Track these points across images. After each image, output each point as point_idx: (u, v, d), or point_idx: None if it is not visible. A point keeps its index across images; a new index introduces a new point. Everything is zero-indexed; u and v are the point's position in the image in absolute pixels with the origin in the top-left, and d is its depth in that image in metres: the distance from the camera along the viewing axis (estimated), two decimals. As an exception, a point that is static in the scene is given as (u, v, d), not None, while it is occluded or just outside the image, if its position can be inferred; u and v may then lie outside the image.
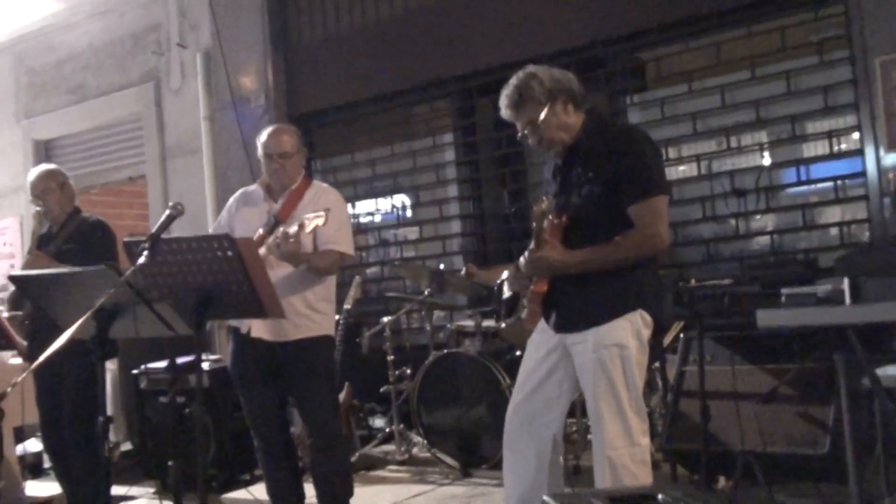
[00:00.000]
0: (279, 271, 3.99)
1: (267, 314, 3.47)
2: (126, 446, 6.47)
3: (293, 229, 3.75)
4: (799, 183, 5.25)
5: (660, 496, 2.13)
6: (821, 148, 5.14)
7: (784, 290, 2.66)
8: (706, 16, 5.37)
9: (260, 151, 4.18)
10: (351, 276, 5.92)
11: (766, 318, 2.13)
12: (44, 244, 4.68)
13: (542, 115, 3.11)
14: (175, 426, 5.10)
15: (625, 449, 3.00)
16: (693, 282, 4.03)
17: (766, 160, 5.36)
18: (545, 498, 2.29)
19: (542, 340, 3.29)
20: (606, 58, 5.78)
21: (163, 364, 5.55)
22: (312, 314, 4.08)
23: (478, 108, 6.41)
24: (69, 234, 4.63)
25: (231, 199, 4.40)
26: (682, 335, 4.37)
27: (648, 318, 3.11)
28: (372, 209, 7.02)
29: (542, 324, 3.29)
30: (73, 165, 7.91)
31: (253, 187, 4.37)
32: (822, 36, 5.14)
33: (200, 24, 7.31)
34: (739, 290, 3.90)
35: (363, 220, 7.05)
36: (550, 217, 3.08)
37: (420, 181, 6.72)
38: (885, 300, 1.93)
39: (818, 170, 5.18)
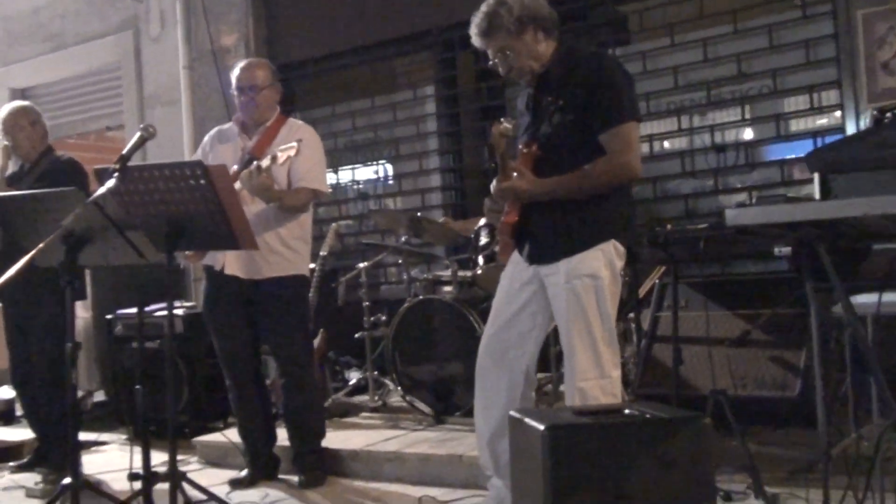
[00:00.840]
0: (253, 207, 3.96)
1: (239, 245, 3.44)
2: (100, 396, 6.44)
3: (265, 162, 3.72)
4: (779, 138, 5.23)
5: (626, 410, 2.12)
6: (802, 103, 5.13)
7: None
8: (690, -32, 5.34)
9: (232, 85, 4.15)
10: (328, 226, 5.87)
11: (735, 216, 2.11)
12: (14, 182, 4.62)
13: (512, 43, 3.08)
14: (145, 370, 5.06)
15: (595, 381, 3.00)
16: (669, 227, 4.01)
17: (747, 115, 5.33)
18: (512, 413, 2.29)
19: (515, 273, 3.27)
20: (588, 10, 5.73)
21: (136, 310, 5.50)
22: (286, 251, 4.06)
23: (459, 60, 6.35)
24: (41, 172, 4.57)
25: (206, 137, 4.36)
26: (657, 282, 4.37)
27: (621, 248, 3.11)
28: (352, 162, 6.96)
29: (515, 256, 3.28)
30: (51, 115, 7.72)
31: (228, 125, 4.32)
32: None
33: (180, -30, 7.20)
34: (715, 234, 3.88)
35: (343, 173, 7.00)
36: (521, 146, 3.06)
37: (400, 134, 6.67)
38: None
39: (798, 124, 5.17)
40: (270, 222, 4.02)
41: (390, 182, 6.84)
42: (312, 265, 5.36)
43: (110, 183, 3.04)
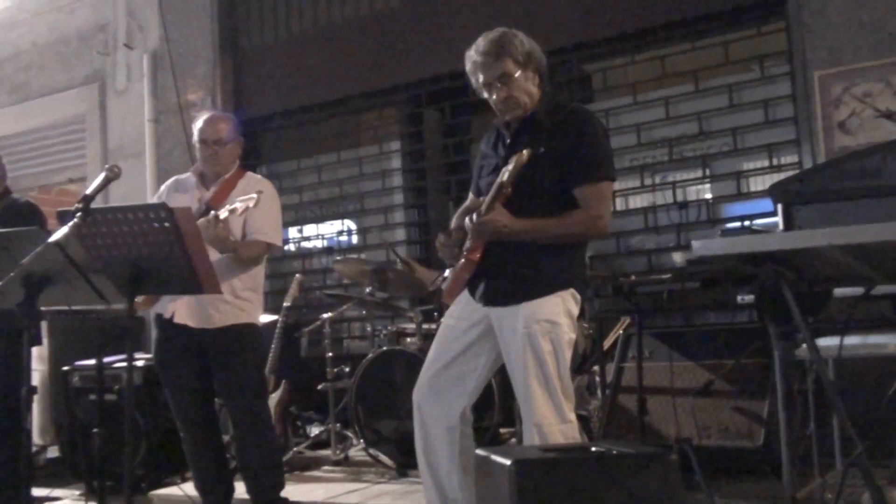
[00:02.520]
0: None
1: (203, 289, 3.39)
2: (53, 452, 6.28)
3: (223, 213, 3.71)
4: (739, 195, 5.31)
5: (592, 448, 2.10)
6: (761, 161, 5.23)
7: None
8: (651, 29, 5.47)
9: (195, 137, 4.15)
10: (291, 277, 5.84)
11: (702, 247, 2.13)
12: (-30, 223, 4.54)
13: (517, 73, 3.11)
14: (102, 422, 4.96)
15: (556, 426, 2.97)
16: (633, 277, 4.05)
17: (708, 172, 5.42)
18: (478, 451, 2.26)
19: (463, 313, 3.25)
20: (553, 68, 5.82)
21: (94, 362, 5.41)
22: (236, 301, 4.03)
23: (425, 116, 6.42)
24: None
25: (163, 187, 4.35)
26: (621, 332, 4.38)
27: (578, 297, 3.12)
28: (317, 216, 6.96)
29: (463, 296, 3.26)
30: (13, 167, 7.65)
31: (185, 175, 4.32)
32: (763, 52, 5.25)
33: (149, 25, 7.25)
34: (679, 283, 3.92)
35: (307, 226, 6.98)
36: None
37: (366, 188, 6.69)
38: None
39: (756, 182, 5.26)
40: (223, 273, 3.96)
41: (354, 236, 6.83)
42: (275, 316, 5.34)
43: (73, 222, 2.99)
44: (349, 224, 6.86)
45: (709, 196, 5.44)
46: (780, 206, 2.17)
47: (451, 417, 3.19)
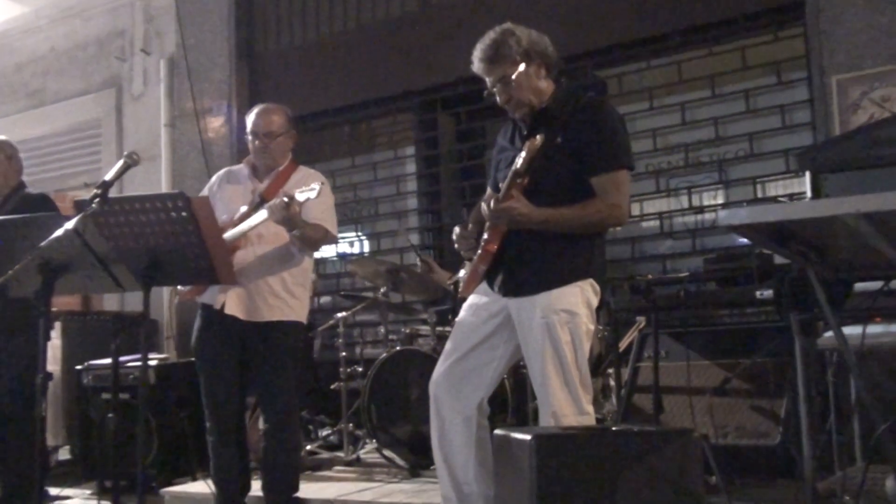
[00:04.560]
0: (258, 248, 3.95)
1: (219, 279, 3.40)
2: (64, 454, 6.27)
3: (302, 196, 3.69)
4: (755, 201, 5.29)
5: (613, 428, 2.08)
6: (777, 166, 5.21)
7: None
8: (668, 35, 5.47)
9: (247, 129, 4.15)
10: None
11: (729, 216, 2.10)
12: (-16, 215, 4.55)
13: (516, 74, 3.11)
14: (118, 423, 4.95)
15: (573, 417, 2.94)
16: (649, 276, 4.03)
17: (724, 177, 5.40)
18: (497, 431, 2.24)
19: (480, 305, 3.24)
20: (569, 73, 5.82)
21: (108, 361, 5.40)
22: (287, 297, 4.00)
23: (440, 121, 6.42)
24: (13, 207, 4.48)
25: (214, 177, 4.33)
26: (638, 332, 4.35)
27: (597, 287, 3.10)
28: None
29: (482, 287, 3.24)
30: (29, 171, 7.70)
31: (238, 166, 4.31)
32: (780, 57, 5.24)
33: (166, 31, 7.29)
34: (696, 285, 3.90)
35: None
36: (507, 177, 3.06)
37: (380, 193, 6.69)
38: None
39: (773, 188, 5.23)
40: (274, 266, 3.97)
41: (367, 242, 6.83)
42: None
43: (91, 207, 2.99)
44: (363, 228, 6.86)
45: (724, 201, 5.41)
46: (807, 174, 2.14)
47: (468, 408, 3.17)
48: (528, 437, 2.15)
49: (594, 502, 2.11)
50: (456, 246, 3.34)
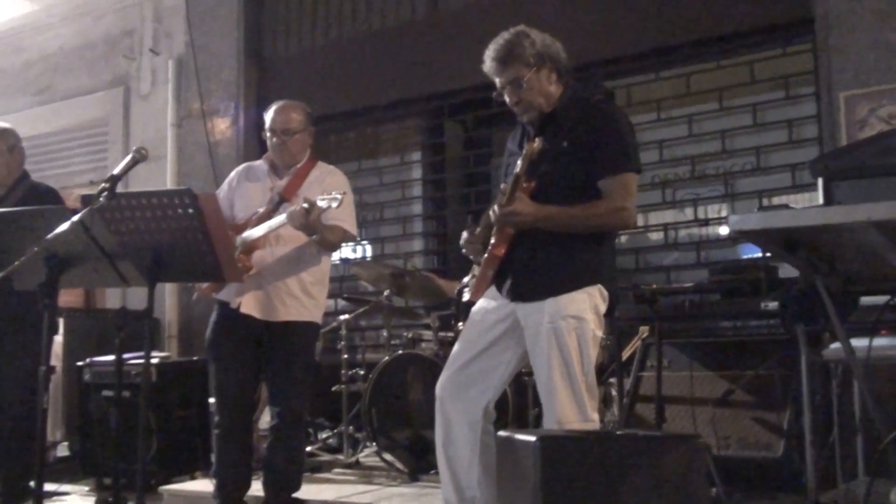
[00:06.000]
0: (277, 250, 3.95)
1: (224, 276, 3.40)
2: (63, 451, 6.26)
3: (324, 203, 3.69)
4: (762, 209, 5.27)
5: (618, 432, 2.08)
6: (783, 180, 5.21)
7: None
8: (677, 47, 5.48)
9: (266, 125, 4.15)
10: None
11: (740, 221, 2.10)
12: (-11, 206, 4.53)
13: (528, 77, 3.11)
14: (119, 422, 4.94)
15: (577, 423, 2.93)
16: (654, 286, 4.03)
17: (730, 190, 5.41)
18: (500, 433, 2.24)
19: (489, 309, 3.23)
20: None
21: (109, 358, 5.40)
22: (305, 298, 4.00)
23: (447, 127, 6.44)
24: (18, 199, 4.47)
25: (233, 173, 4.33)
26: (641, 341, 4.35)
27: (606, 292, 3.09)
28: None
29: (490, 292, 3.24)
30: (35, 167, 7.74)
31: (258, 162, 4.31)
32: (788, 72, 5.25)
33: (174, 31, 7.31)
34: (700, 296, 3.90)
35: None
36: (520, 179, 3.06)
37: (385, 198, 6.70)
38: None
39: (778, 202, 5.23)
40: (293, 266, 3.97)
41: (370, 247, 6.83)
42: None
43: (98, 201, 2.99)
44: (368, 233, 6.86)
45: (729, 214, 5.41)
46: (820, 181, 2.14)
47: (473, 412, 3.15)
48: (533, 438, 2.15)
49: (598, 505, 2.10)
50: (464, 251, 3.34)
